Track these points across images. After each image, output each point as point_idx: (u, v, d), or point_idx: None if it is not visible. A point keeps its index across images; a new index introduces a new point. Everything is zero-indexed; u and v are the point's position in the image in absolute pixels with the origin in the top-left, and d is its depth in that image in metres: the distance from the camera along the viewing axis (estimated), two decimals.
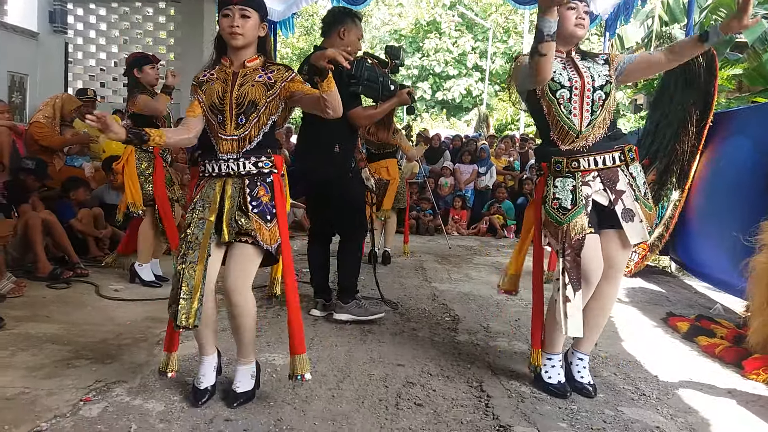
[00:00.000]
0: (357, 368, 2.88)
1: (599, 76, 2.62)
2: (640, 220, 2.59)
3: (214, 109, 2.43)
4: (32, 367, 2.73)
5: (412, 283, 4.92)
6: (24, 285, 4.04)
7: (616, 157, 2.61)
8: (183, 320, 2.29)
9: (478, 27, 25.47)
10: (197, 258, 2.34)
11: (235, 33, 2.38)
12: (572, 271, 2.53)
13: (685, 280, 5.63)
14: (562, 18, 2.58)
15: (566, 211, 2.57)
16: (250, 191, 2.41)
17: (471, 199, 9.33)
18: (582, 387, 2.71)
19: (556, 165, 2.63)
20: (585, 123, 2.59)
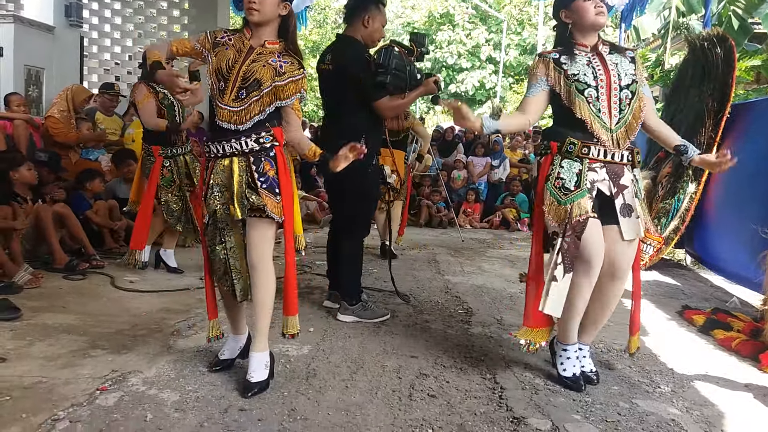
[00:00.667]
0: (370, 359, 2.89)
1: (626, 75, 2.60)
2: (637, 217, 2.58)
3: (220, 75, 2.46)
4: (49, 356, 2.76)
5: (424, 275, 4.92)
6: (41, 276, 4.08)
7: (625, 155, 2.61)
8: (241, 296, 2.58)
9: (492, 19, 25.27)
10: (235, 241, 2.55)
11: (251, 8, 2.40)
12: (568, 253, 2.51)
13: (701, 273, 5.57)
14: (581, 10, 2.58)
15: (568, 192, 2.55)
16: (256, 168, 2.47)
17: (484, 192, 9.29)
18: (584, 375, 2.71)
19: (569, 146, 2.59)
20: (614, 121, 2.57)
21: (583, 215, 2.51)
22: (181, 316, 3.47)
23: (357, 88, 3.41)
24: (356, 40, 3.51)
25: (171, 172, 4.42)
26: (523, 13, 25.14)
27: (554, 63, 2.64)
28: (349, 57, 3.45)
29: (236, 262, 2.54)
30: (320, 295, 4.01)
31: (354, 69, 3.40)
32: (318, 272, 4.82)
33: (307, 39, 24.09)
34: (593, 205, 2.55)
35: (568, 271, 2.52)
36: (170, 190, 4.42)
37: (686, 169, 5.38)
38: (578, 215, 2.51)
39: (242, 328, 2.73)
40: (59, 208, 4.63)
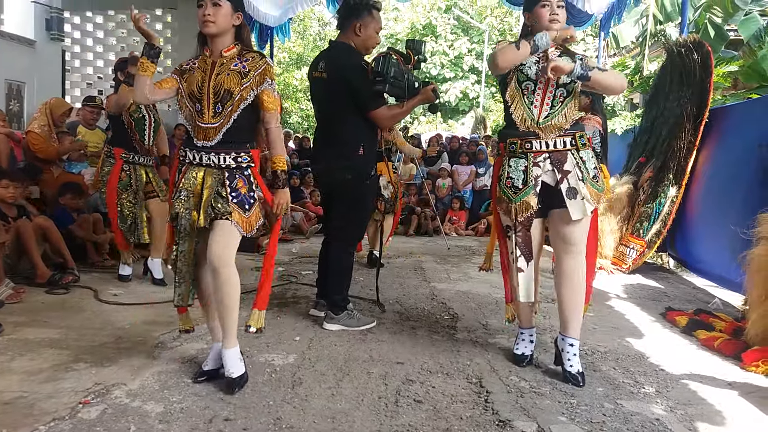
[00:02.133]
0: (356, 367, 2.88)
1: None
2: (582, 198, 2.74)
3: (193, 98, 2.55)
4: (30, 371, 2.73)
5: (411, 283, 4.92)
6: (23, 291, 4.03)
7: (567, 141, 2.79)
8: (178, 301, 2.67)
9: (474, 29, 25.52)
10: (187, 247, 2.62)
11: (207, 21, 2.52)
12: (523, 246, 2.80)
13: (684, 276, 5.63)
14: (538, 15, 2.78)
15: (517, 190, 2.78)
16: (229, 183, 2.56)
17: (469, 200, 9.34)
18: (571, 376, 2.77)
19: (511, 145, 2.83)
20: (543, 115, 2.76)
21: (529, 212, 2.77)
22: (166, 328, 3.44)
23: (354, 96, 3.37)
24: (351, 46, 3.48)
25: (129, 177, 4.46)
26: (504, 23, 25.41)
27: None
28: (345, 65, 3.40)
29: (183, 266, 2.63)
30: (306, 305, 4.00)
31: (351, 77, 3.36)
32: (304, 282, 4.80)
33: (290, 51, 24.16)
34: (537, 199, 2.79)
35: (529, 260, 2.82)
36: (125, 194, 4.43)
37: (667, 173, 5.47)
38: (525, 211, 2.77)
39: (219, 336, 2.69)
40: (41, 221, 4.58)
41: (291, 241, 7.18)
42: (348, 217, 3.57)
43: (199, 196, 2.57)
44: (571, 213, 2.73)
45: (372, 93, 3.37)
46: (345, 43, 3.51)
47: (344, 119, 3.45)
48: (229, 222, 2.52)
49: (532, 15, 2.80)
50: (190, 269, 2.64)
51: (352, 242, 3.71)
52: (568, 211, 2.73)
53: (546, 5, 2.73)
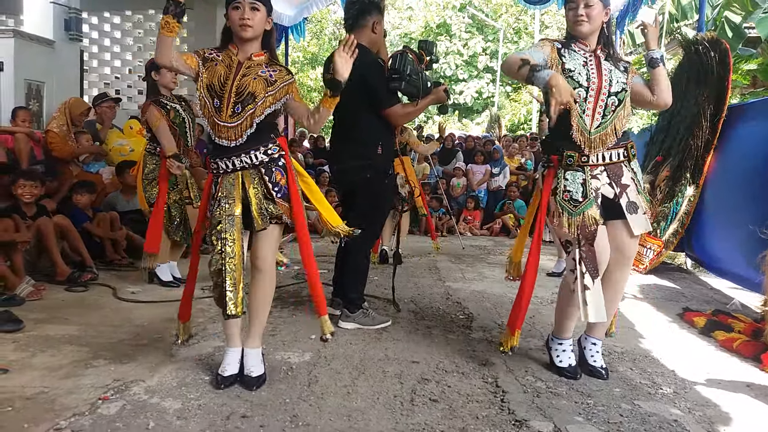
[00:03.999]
0: (372, 365, 2.89)
1: (617, 82, 2.69)
2: (644, 212, 2.72)
3: (212, 91, 2.52)
4: (51, 367, 2.77)
5: (425, 282, 4.92)
6: (43, 288, 4.09)
7: (621, 153, 2.74)
8: (233, 310, 2.50)
9: (489, 28, 25.43)
10: (234, 252, 2.51)
11: (245, 24, 2.48)
12: (588, 261, 2.64)
13: (701, 276, 5.58)
14: (567, 16, 2.73)
15: (578, 203, 2.66)
16: (269, 179, 2.56)
17: (484, 200, 9.31)
18: (595, 370, 2.82)
19: (568, 158, 2.71)
20: (595, 124, 2.67)
21: (594, 225, 2.64)
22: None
23: (370, 93, 3.38)
24: (363, 45, 3.49)
25: (174, 177, 4.41)
26: (520, 21, 25.30)
27: (557, 51, 2.73)
28: (361, 62, 3.41)
29: (233, 272, 2.50)
30: None
31: (368, 74, 3.36)
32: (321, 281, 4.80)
33: (305, 50, 24.22)
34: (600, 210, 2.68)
35: (596, 276, 2.65)
36: (173, 192, 4.41)
37: (684, 172, 5.41)
38: (591, 225, 2.64)
39: (239, 341, 2.68)
40: (59, 219, 4.65)
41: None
42: (367, 216, 3.57)
43: (242, 199, 2.54)
44: (633, 228, 2.69)
45: (388, 90, 3.40)
46: (358, 43, 3.50)
47: (361, 118, 3.46)
48: (276, 226, 2.59)
49: (566, 14, 2.74)
50: (239, 273, 2.52)
51: (370, 241, 3.72)
52: (628, 224, 2.69)
53: (573, 7, 2.66)
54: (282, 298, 4.17)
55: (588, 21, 2.65)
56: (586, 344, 2.89)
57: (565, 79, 2.53)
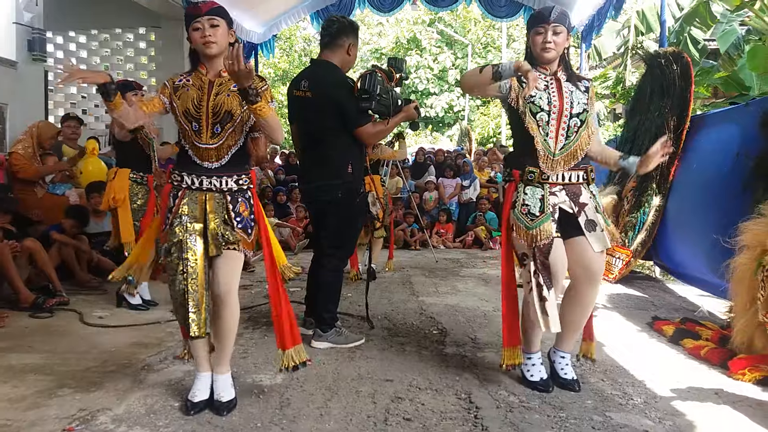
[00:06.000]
0: (345, 386, 2.86)
1: (578, 103, 2.74)
2: (602, 230, 2.76)
3: (189, 116, 2.50)
4: (14, 398, 2.68)
5: (399, 297, 4.92)
6: (6, 316, 3.98)
7: (580, 175, 2.79)
8: (195, 331, 2.46)
9: (458, 43, 25.75)
10: (197, 272, 2.47)
11: (208, 41, 2.47)
12: (543, 273, 2.68)
13: (669, 284, 5.67)
14: (533, 41, 2.76)
15: (534, 217, 2.71)
16: (233, 207, 2.53)
17: (456, 213, 9.37)
18: (566, 383, 2.84)
19: (529, 174, 2.76)
20: (559, 146, 2.72)
21: (549, 238, 2.68)
22: (153, 350, 3.41)
23: (341, 113, 3.39)
24: (335, 65, 3.51)
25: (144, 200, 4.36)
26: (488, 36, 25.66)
27: (517, 79, 2.75)
28: (332, 82, 3.43)
29: (195, 293, 2.46)
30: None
31: (338, 94, 3.38)
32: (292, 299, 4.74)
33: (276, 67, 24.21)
34: (556, 226, 2.72)
35: (550, 287, 2.69)
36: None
37: (650, 183, 5.51)
38: (544, 239, 2.67)
39: (208, 365, 2.64)
40: (29, 242, 4.54)
41: None
42: (339, 235, 3.58)
43: (202, 222, 2.50)
44: (593, 245, 2.73)
45: (358, 110, 3.40)
46: (329, 61, 3.53)
47: (331, 138, 3.46)
48: (234, 251, 2.53)
49: (529, 38, 2.78)
50: (202, 293, 2.48)
51: (342, 260, 3.71)
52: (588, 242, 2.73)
53: (541, 32, 2.70)
54: (253, 318, 4.12)
55: (555, 48, 2.71)
56: (555, 357, 2.92)
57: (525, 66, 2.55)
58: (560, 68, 2.80)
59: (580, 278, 2.79)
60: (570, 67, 2.86)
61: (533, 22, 2.76)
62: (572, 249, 2.77)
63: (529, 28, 2.79)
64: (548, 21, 2.69)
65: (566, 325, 2.84)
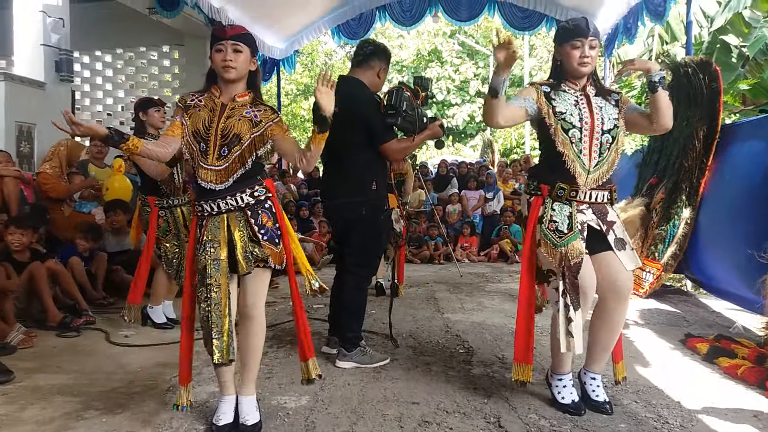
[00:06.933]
0: (370, 408, 2.82)
1: (609, 119, 2.69)
2: (632, 248, 2.71)
3: (198, 136, 2.50)
4: (41, 421, 2.69)
5: (423, 314, 4.86)
6: (34, 335, 4.01)
7: (605, 195, 2.74)
8: (218, 358, 2.45)
9: (479, 54, 25.69)
10: (220, 299, 2.45)
11: (228, 66, 2.47)
12: (572, 293, 2.61)
13: (702, 299, 5.53)
14: (567, 55, 2.69)
15: (562, 234, 2.64)
16: (255, 221, 2.51)
17: (480, 226, 9.29)
18: (598, 405, 2.75)
19: (559, 190, 2.70)
20: (593, 163, 2.67)
21: (579, 257, 2.61)
22: (177, 370, 3.37)
23: (366, 129, 3.41)
24: (364, 84, 3.54)
25: (166, 222, 4.32)
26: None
27: (545, 96, 2.71)
28: (359, 98, 3.46)
29: (218, 319, 2.45)
30: (318, 341, 3.93)
31: (365, 110, 3.40)
32: (316, 316, 4.75)
33: (297, 82, 24.40)
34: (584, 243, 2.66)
35: (577, 308, 2.62)
36: (166, 239, 4.35)
37: (680, 194, 5.40)
38: (575, 258, 2.61)
39: (233, 388, 2.63)
40: (52, 264, 4.59)
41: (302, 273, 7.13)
42: (363, 252, 3.56)
43: (227, 243, 2.49)
44: (625, 265, 2.68)
45: (385, 126, 3.42)
46: (358, 79, 3.55)
47: (356, 154, 3.46)
48: (263, 269, 2.53)
49: (562, 51, 2.71)
50: (225, 320, 2.46)
51: (366, 278, 3.69)
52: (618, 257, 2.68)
53: (578, 46, 2.65)
54: (278, 336, 4.10)
55: (591, 63, 2.66)
56: (585, 379, 2.84)
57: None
58: (589, 83, 2.75)
59: (608, 295, 2.71)
60: (599, 80, 2.82)
61: (569, 35, 2.68)
62: (599, 265, 2.70)
63: (562, 40, 2.70)
64: (586, 35, 2.63)
65: (596, 345, 2.79)
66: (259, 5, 8.50)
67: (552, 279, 2.71)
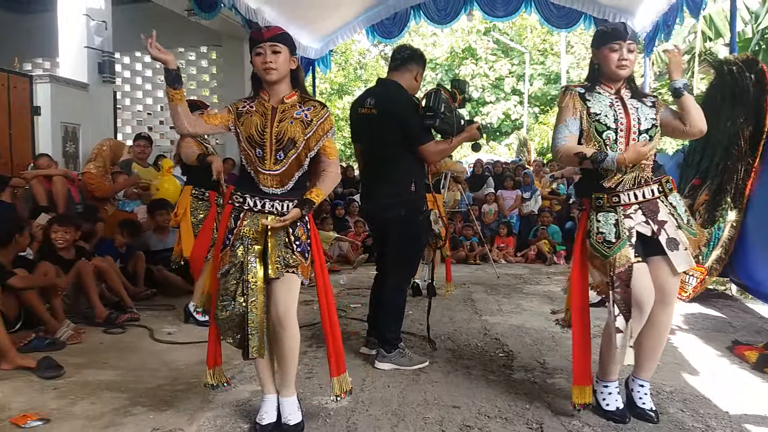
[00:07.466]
0: (411, 411, 2.82)
1: (646, 119, 2.65)
2: (685, 248, 2.62)
3: (253, 142, 2.52)
4: (91, 416, 2.77)
5: (461, 316, 4.84)
6: (83, 331, 4.13)
7: (655, 189, 2.66)
8: (255, 353, 2.46)
9: (514, 51, 25.43)
10: (256, 294, 2.48)
11: (269, 68, 2.49)
12: (622, 303, 2.57)
13: (748, 303, 5.38)
14: (605, 58, 2.67)
15: (611, 245, 2.61)
16: (292, 231, 2.53)
17: (516, 226, 9.20)
18: (644, 413, 2.71)
19: (597, 200, 2.68)
20: (630, 165, 2.60)
21: (627, 264, 2.57)
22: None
23: (405, 131, 3.43)
24: (401, 86, 3.56)
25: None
26: (546, 42, 25.23)
27: (579, 97, 2.71)
28: (397, 100, 3.49)
29: (255, 316, 2.47)
30: (357, 341, 3.97)
31: (403, 112, 3.43)
32: (354, 316, 4.78)
33: (332, 81, 24.51)
34: (635, 250, 2.60)
35: (628, 319, 2.59)
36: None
37: (724, 196, 5.26)
38: (622, 265, 2.57)
39: (273, 387, 2.67)
40: (98, 262, 4.72)
41: (338, 271, 7.19)
42: (402, 254, 3.57)
43: (262, 244, 2.52)
44: (676, 265, 2.61)
45: (422, 128, 3.43)
46: (396, 82, 3.58)
47: (394, 156, 3.49)
48: (293, 275, 2.54)
49: (599, 54, 2.69)
50: (261, 317, 2.49)
51: (405, 279, 3.69)
52: (669, 261, 2.61)
53: (616, 49, 2.62)
54: (317, 336, 4.12)
55: (630, 66, 2.63)
56: (633, 386, 2.79)
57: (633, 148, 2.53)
58: (623, 85, 2.72)
59: (655, 301, 2.64)
60: (634, 83, 2.78)
61: (606, 38, 2.66)
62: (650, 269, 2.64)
63: (600, 43, 2.69)
64: (625, 39, 2.61)
65: (643, 351, 2.74)
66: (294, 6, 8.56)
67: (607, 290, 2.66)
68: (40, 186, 5.59)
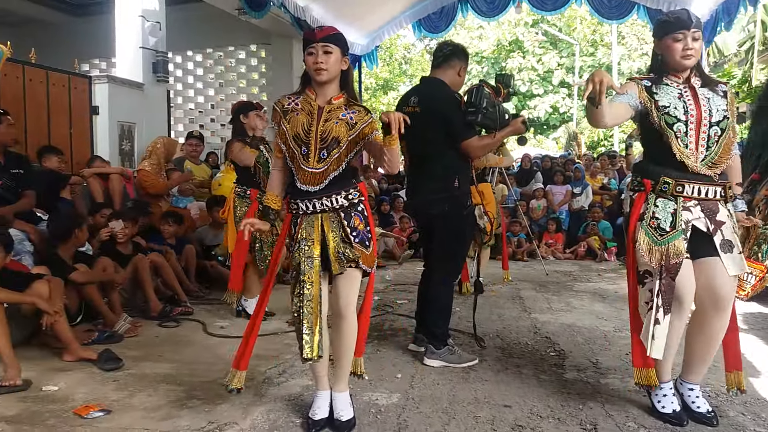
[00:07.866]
0: (462, 409, 2.81)
1: (717, 111, 2.55)
2: (739, 252, 2.53)
3: (299, 140, 2.56)
4: (149, 408, 2.86)
5: (510, 314, 4.79)
6: (139, 325, 4.27)
7: (719, 191, 2.57)
8: (308, 353, 2.47)
9: (563, 42, 24.91)
10: (312, 295, 2.50)
11: (319, 68, 2.50)
12: (666, 294, 2.50)
13: None
14: (669, 48, 2.58)
15: (664, 233, 2.53)
16: (347, 223, 2.56)
17: (566, 222, 9.02)
18: (701, 416, 2.62)
19: (663, 185, 2.58)
20: (700, 158, 2.53)
21: (679, 258, 2.49)
22: (271, 362, 3.51)
23: (447, 128, 3.43)
24: (445, 83, 3.56)
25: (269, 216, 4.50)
26: (596, 33, 24.63)
27: (646, 90, 2.62)
28: (440, 97, 3.50)
29: (310, 316, 2.49)
30: (404, 338, 3.98)
31: (445, 107, 3.43)
32: (400, 312, 4.79)
33: (377, 77, 24.56)
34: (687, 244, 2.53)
35: (668, 312, 2.52)
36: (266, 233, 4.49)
37: None
38: (674, 257, 2.49)
39: (327, 384, 2.70)
40: (154, 257, 4.86)
41: (384, 267, 7.21)
42: (448, 250, 3.57)
43: (320, 242, 2.56)
44: (728, 268, 2.52)
45: (465, 123, 3.43)
46: (439, 79, 3.58)
47: (438, 152, 3.49)
48: (354, 270, 2.58)
49: (662, 44, 2.61)
50: (317, 318, 2.49)
51: (452, 275, 3.69)
52: (722, 263, 2.52)
53: (680, 39, 2.53)
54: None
55: (695, 55, 2.55)
56: (682, 390, 2.71)
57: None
58: (693, 74, 2.62)
59: (706, 304, 2.57)
60: (704, 71, 2.68)
61: (669, 27, 2.57)
62: (700, 271, 2.56)
63: (663, 33, 2.60)
64: (689, 27, 2.52)
65: (692, 355, 2.67)
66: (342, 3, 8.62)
67: (648, 280, 2.59)
68: (97, 183, 5.78)
